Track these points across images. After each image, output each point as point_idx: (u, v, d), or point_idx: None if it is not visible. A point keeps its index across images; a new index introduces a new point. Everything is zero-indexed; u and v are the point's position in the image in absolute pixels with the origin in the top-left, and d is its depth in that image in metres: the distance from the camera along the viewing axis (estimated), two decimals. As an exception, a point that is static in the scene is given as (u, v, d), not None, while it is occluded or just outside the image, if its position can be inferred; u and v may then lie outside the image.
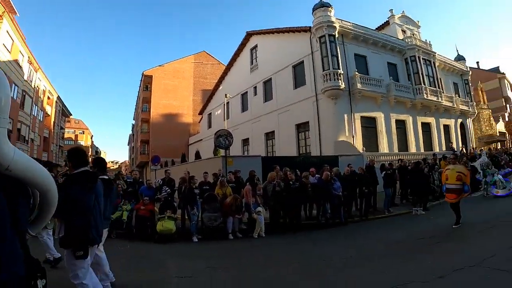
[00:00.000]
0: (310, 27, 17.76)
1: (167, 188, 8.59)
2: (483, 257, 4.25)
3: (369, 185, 9.62)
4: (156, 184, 9.23)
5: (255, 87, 23.32)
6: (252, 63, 24.22)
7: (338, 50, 16.96)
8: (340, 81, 16.35)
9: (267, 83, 22.05)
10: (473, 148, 21.56)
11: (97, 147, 75.13)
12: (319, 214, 8.54)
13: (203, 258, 5.71)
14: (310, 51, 17.95)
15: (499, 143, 27.22)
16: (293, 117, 19.00)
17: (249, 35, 24.06)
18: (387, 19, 23.19)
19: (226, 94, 21.48)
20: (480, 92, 26.82)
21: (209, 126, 30.52)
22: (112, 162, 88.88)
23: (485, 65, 43.04)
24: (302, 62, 18.82)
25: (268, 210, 8.32)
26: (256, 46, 23.84)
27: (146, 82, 38.74)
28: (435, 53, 22.09)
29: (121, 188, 7.84)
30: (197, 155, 22.25)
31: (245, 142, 24.11)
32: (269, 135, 21.55)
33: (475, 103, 25.53)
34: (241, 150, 23.92)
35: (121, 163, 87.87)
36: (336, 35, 17.03)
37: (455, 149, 19.75)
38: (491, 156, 13.84)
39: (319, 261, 5.22)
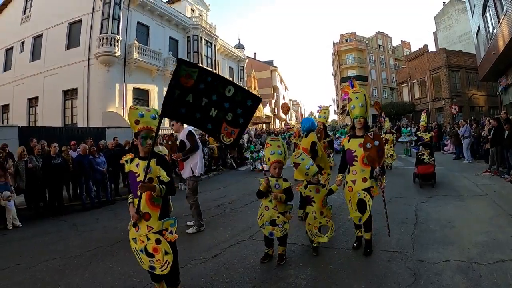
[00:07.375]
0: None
1: None
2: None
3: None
4: None
5: (23, 43, 19.04)
6: (24, 12, 19.55)
7: (122, 14, 16.22)
8: (116, 47, 15.65)
9: (37, 40, 18.39)
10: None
11: None
12: (82, 194, 7.54)
13: None
14: (92, 10, 16.20)
15: (264, 124, 33.82)
16: (61, 82, 16.66)
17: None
18: (181, -5, 23.51)
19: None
20: (252, 79, 32.93)
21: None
22: None
23: (262, 57, 53.05)
24: (81, 20, 16.72)
25: (24, 192, 6.88)
26: (34, -7, 19.26)
27: None
28: (218, 37, 23.87)
29: None
30: None
31: (5, 108, 19.69)
32: (33, 102, 18.20)
33: (247, 88, 30.10)
34: (0, 118, 19.48)
35: None
36: (123, -1, 16.09)
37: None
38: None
39: (80, 254, 4.33)
